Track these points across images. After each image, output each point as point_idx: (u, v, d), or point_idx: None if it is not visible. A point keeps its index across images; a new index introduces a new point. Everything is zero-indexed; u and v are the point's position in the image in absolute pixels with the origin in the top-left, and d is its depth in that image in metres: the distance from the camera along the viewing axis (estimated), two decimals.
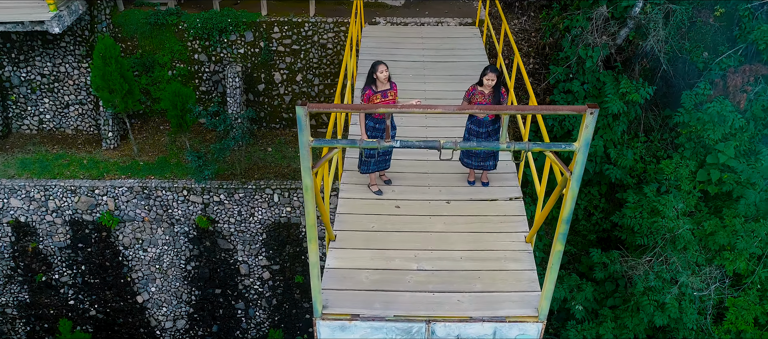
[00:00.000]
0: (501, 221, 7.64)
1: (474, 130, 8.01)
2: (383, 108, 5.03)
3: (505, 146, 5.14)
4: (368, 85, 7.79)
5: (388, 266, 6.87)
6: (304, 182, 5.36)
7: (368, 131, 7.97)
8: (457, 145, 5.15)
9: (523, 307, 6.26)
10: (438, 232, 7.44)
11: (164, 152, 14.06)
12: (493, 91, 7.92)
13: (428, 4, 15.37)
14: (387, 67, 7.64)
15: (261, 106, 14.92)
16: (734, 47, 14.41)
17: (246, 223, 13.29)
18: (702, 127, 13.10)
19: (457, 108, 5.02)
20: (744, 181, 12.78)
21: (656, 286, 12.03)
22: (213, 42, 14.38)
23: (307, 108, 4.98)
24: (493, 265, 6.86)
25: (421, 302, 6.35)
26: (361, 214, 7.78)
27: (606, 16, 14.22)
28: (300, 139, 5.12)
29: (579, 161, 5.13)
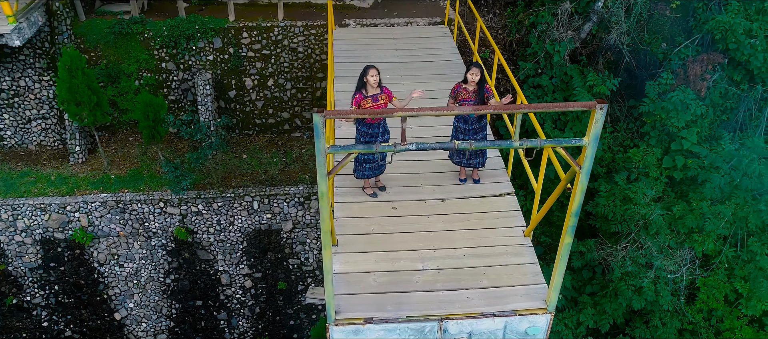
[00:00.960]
0: (497, 217, 7.80)
1: (461, 128, 8.15)
2: (401, 112, 5.08)
3: (519, 144, 5.28)
4: (359, 89, 7.83)
5: (394, 267, 6.94)
6: (320, 189, 5.37)
7: (361, 136, 8.01)
8: (471, 146, 5.25)
9: (531, 300, 6.42)
10: (438, 231, 7.55)
11: (136, 164, 13.74)
12: (477, 88, 8.07)
13: (396, 5, 15.46)
14: (378, 72, 7.68)
15: (233, 112, 14.75)
16: (691, 37, 15.02)
17: (225, 232, 13.13)
18: (666, 115, 13.60)
19: (472, 108, 5.12)
20: (708, 165, 13.35)
21: (633, 271, 12.46)
22: (180, 50, 14.12)
23: (325, 115, 5.00)
24: (496, 260, 7.01)
25: (431, 301, 6.45)
26: (360, 218, 7.82)
27: (570, 11, 14.62)
28: (317, 146, 5.13)
29: (588, 155, 5.31)
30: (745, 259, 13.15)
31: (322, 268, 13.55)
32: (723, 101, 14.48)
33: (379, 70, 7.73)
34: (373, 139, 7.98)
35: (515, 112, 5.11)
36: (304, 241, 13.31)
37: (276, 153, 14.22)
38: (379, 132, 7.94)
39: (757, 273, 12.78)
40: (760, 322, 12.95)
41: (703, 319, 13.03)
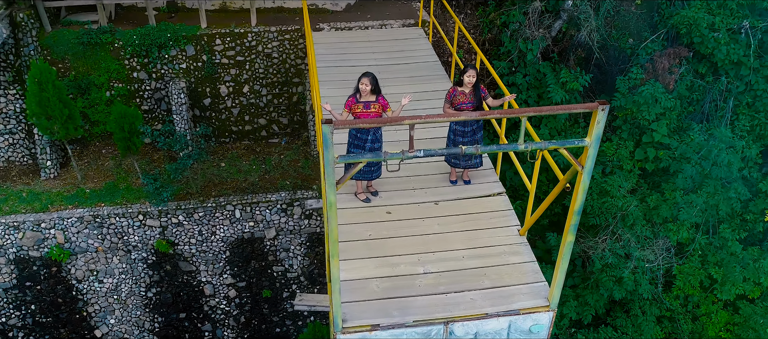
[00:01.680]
0: (492, 217, 7.91)
1: (460, 131, 8.23)
2: (409, 121, 5.12)
3: (523, 147, 5.38)
4: (353, 94, 7.88)
5: (395, 273, 6.98)
6: (328, 199, 5.38)
7: (351, 139, 8.04)
8: (478, 150, 5.33)
9: (533, 298, 6.55)
10: (435, 233, 7.62)
11: (111, 177, 13.44)
12: (473, 89, 8.17)
13: (368, 7, 15.49)
14: (371, 81, 7.71)
15: (208, 120, 14.55)
16: (656, 32, 15.45)
17: (208, 242, 12.96)
18: (637, 109, 13.97)
19: (479, 114, 5.19)
20: (678, 156, 13.76)
21: (613, 263, 12.76)
22: (152, 58, 13.87)
23: (333, 126, 5.01)
24: (495, 260, 7.12)
25: (436, 304, 6.51)
26: (355, 224, 7.83)
27: (540, 9, 14.88)
28: (325, 157, 5.13)
29: (590, 155, 5.45)
30: (718, 246, 13.62)
31: (305, 273, 13.51)
32: (689, 93, 14.95)
33: (374, 79, 7.75)
34: (362, 143, 8.00)
35: (522, 116, 5.20)
36: (288, 248, 13.23)
37: (255, 160, 14.10)
38: (368, 138, 7.98)
39: (729, 258, 13.25)
40: (734, 306, 13.42)
41: (680, 306, 13.44)
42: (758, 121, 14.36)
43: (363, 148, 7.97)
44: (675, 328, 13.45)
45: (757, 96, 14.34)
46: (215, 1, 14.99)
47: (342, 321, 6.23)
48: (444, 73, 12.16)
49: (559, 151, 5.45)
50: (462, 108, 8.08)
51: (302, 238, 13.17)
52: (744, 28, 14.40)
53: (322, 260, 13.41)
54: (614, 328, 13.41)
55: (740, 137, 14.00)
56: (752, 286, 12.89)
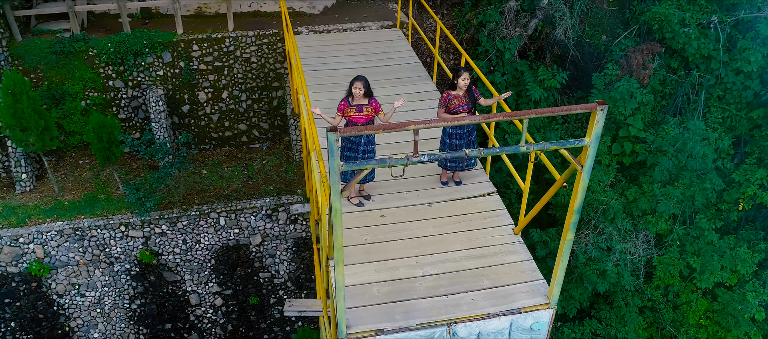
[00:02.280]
0: (485, 217, 7.99)
1: (456, 134, 8.27)
2: (414, 126, 5.15)
3: (526, 148, 5.46)
4: (346, 97, 7.88)
5: (394, 276, 7.00)
6: (334, 206, 5.38)
7: (343, 143, 8.04)
8: (481, 153, 5.39)
9: (533, 296, 6.64)
10: (430, 235, 7.66)
11: (89, 188, 13.18)
12: (467, 92, 8.22)
13: (346, 10, 15.48)
14: (364, 85, 7.72)
15: (188, 127, 14.37)
16: (628, 29, 15.77)
17: (192, 251, 12.80)
18: (613, 104, 14.23)
19: (481, 117, 5.25)
20: (655, 149, 14.07)
21: (596, 256, 12.99)
22: (128, 66, 13.64)
23: (339, 134, 5.01)
24: (493, 260, 7.20)
25: (438, 307, 6.55)
26: (351, 228, 7.83)
27: (516, 9, 15.07)
28: (331, 164, 5.13)
29: (590, 154, 5.56)
30: (695, 236, 13.97)
31: (291, 278, 13.45)
32: (662, 88, 15.30)
33: (367, 82, 7.76)
34: (355, 146, 8.01)
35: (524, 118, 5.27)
36: (274, 254, 13.15)
37: (237, 166, 13.98)
38: (361, 141, 7.99)
39: (706, 247, 13.60)
40: (712, 294, 13.78)
41: (661, 296, 13.75)
42: (729, 113, 14.76)
43: (356, 152, 7.98)
44: (657, 317, 13.76)
45: (727, 89, 14.74)
46: (190, 6, 14.80)
47: (346, 327, 6.22)
48: (426, 75, 12.21)
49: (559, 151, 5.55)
50: (458, 111, 8.13)
51: (288, 243, 13.10)
52: (713, 23, 14.79)
53: (309, 265, 13.37)
54: (599, 320, 13.66)
55: (713, 129, 14.38)
56: (729, 274, 13.25)
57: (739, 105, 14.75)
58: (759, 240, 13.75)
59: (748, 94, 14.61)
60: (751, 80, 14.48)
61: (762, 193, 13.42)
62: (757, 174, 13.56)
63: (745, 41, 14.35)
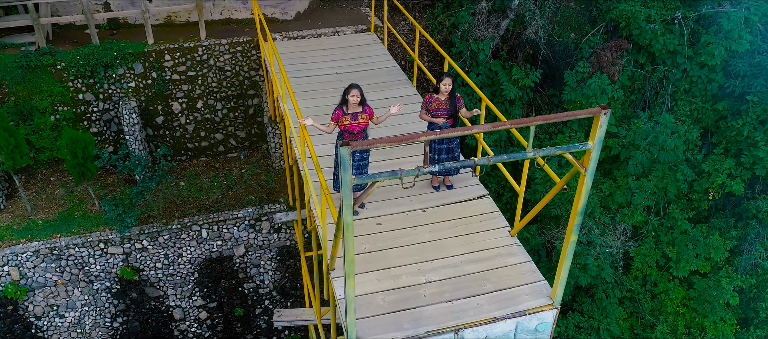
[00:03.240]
0: (481, 220, 8.08)
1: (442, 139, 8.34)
2: (424, 137, 5.18)
3: (532, 154, 5.55)
4: (340, 105, 7.85)
5: (398, 284, 7.02)
6: (346, 220, 5.38)
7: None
8: (489, 161, 5.46)
9: (537, 297, 6.75)
10: (429, 241, 7.71)
11: (64, 206, 12.82)
12: (449, 97, 8.30)
13: (319, 15, 15.41)
14: (360, 93, 7.72)
15: (162, 139, 14.10)
16: (596, 26, 16.13)
17: (174, 265, 12.57)
18: (586, 101, 14.55)
19: (490, 126, 5.31)
20: (627, 143, 14.44)
21: (577, 251, 13.27)
22: (98, 78, 13.30)
23: (351, 148, 5.01)
24: (493, 263, 7.28)
25: (444, 313, 6.60)
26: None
27: (488, 9, 15.25)
28: (343, 178, 5.13)
29: (593, 158, 5.68)
30: (669, 226, 14.40)
31: (277, 288, 13.34)
32: (631, 83, 15.72)
33: (361, 90, 7.75)
34: (354, 157, 7.99)
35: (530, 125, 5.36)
36: (258, 264, 13.02)
37: (215, 176, 13.78)
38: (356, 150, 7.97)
39: (681, 237, 14.03)
40: (688, 282, 14.23)
41: (639, 286, 14.13)
42: (695, 105, 15.26)
43: (353, 159, 7.95)
44: (636, 307, 14.13)
45: (693, 82, 15.23)
46: (160, 15, 14.51)
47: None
48: (405, 79, 12.26)
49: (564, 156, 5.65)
50: (437, 115, 8.22)
51: (272, 252, 12.99)
52: (677, 19, 15.27)
53: (293, 273, 13.28)
54: (581, 313, 13.95)
55: (682, 122, 14.84)
56: (703, 262, 13.70)
57: (705, 97, 15.26)
58: (730, 227, 14.25)
59: (712, 86, 15.13)
60: (715, 73, 15.00)
61: (731, 182, 13.92)
62: (725, 163, 14.05)
63: (708, 36, 14.85)
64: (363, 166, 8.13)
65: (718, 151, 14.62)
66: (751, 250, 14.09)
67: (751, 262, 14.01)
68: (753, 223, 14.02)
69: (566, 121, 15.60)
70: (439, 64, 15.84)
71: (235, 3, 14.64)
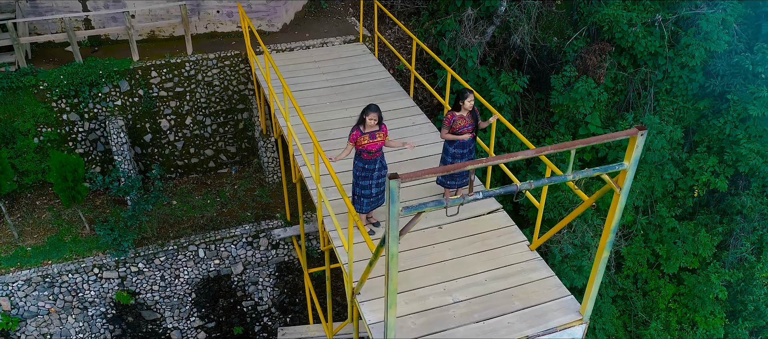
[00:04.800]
0: (498, 235, 8.14)
1: (459, 153, 8.36)
2: (472, 165, 5.19)
3: (572, 177, 5.61)
4: (357, 125, 7.81)
5: (426, 306, 7.02)
6: (391, 250, 5.36)
7: (358, 172, 7.98)
8: (532, 185, 5.50)
9: (566, 313, 6.83)
10: (450, 259, 7.72)
11: (52, 231, 12.43)
12: (470, 113, 8.33)
13: (305, 26, 15.28)
14: (378, 116, 7.68)
15: (151, 157, 13.80)
16: (578, 30, 16.39)
17: (171, 286, 12.32)
18: (573, 104, 14.78)
19: (534, 151, 5.35)
20: (615, 145, 14.72)
21: (572, 253, 13.47)
22: (83, 98, 12.95)
23: (400, 180, 4.99)
24: (518, 279, 7.34)
25: (476, 334, 6.62)
26: (368, 259, 7.76)
27: (474, 16, 15.35)
28: (391, 210, 5.11)
29: (628, 178, 5.78)
30: (656, 224, 14.75)
31: (275, 304, 13.20)
32: (614, 85, 16.02)
33: (379, 110, 7.72)
34: (370, 173, 7.97)
35: (571, 149, 5.42)
36: (256, 281, 12.86)
37: (207, 194, 13.55)
38: (375, 167, 7.97)
39: (669, 234, 14.39)
40: (678, 278, 14.60)
41: (631, 284, 14.43)
42: (677, 105, 15.64)
43: (371, 179, 7.94)
44: (628, 305, 14.44)
45: (674, 83, 15.61)
46: (143, 30, 14.18)
47: None
48: (401, 90, 12.25)
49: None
50: (462, 132, 8.23)
51: (270, 269, 12.84)
52: (657, 22, 15.61)
53: (292, 289, 13.15)
54: None
55: (666, 122, 15.19)
56: (692, 258, 14.07)
57: (686, 97, 15.65)
58: (715, 223, 14.67)
59: (693, 86, 15.53)
60: (696, 73, 15.39)
61: (715, 180, 14.32)
62: (709, 161, 14.44)
63: (687, 37, 15.22)
64: (381, 183, 8.10)
65: (701, 149, 15.02)
66: (737, 244, 14.54)
67: (737, 257, 14.47)
68: (738, 218, 14.47)
69: (552, 124, 15.82)
70: (427, 72, 15.88)
71: (221, 16, 14.41)
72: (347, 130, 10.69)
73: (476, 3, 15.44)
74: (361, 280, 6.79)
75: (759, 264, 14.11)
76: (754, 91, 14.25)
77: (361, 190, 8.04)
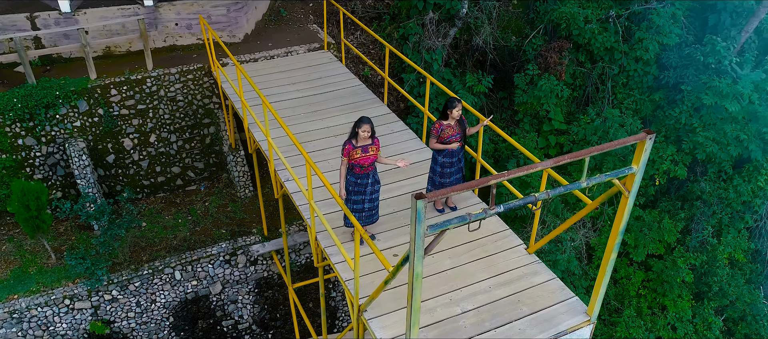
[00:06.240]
0: (495, 240, 8.20)
1: (448, 162, 8.37)
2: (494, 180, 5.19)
3: (586, 183, 5.70)
4: (350, 139, 7.69)
5: (435, 318, 7.00)
6: (416, 270, 5.32)
7: (351, 186, 7.88)
8: (549, 195, 5.55)
9: (574, 315, 6.95)
10: (451, 268, 7.73)
11: (15, 263, 11.78)
12: (458, 122, 8.35)
13: (267, 35, 15.01)
14: (371, 128, 7.59)
15: (115, 179, 13.27)
16: (535, 29, 16.73)
17: (148, 312, 11.88)
18: (538, 102, 15.08)
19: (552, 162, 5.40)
20: (579, 139, 15.10)
21: (547, 248, 13.74)
22: (39, 121, 12.33)
23: (426, 200, 4.95)
24: (521, 284, 7.41)
25: None
26: (371, 274, 7.70)
27: (436, 19, 15.44)
28: (417, 230, 5.07)
29: (636, 181, 5.92)
30: None
31: (256, 321, 12.93)
32: (573, 81, 16.43)
33: (372, 124, 7.63)
34: (363, 188, 7.89)
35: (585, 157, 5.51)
36: (236, 299, 12.55)
37: (178, 213, 13.13)
38: (368, 182, 7.89)
39: (635, 223, 14.86)
40: (646, 265, 15.10)
41: None
42: (634, 97, 16.18)
43: (364, 193, 7.86)
44: None
45: (630, 76, 16.14)
46: (97, 47, 13.59)
47: None
48: (374, 97, 12.17)
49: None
50: (451, 141, 8.24)
51: (250, 286, 12.57)
52: (611, 18, 16.10)
53: (272, 305, 12.91)
54: None
55: (625, 115, 15.69)
56: (658, 245, 14.59)
57: (642, 89, 16.21)
58: (677, 210, 15.25)
59: (648, 78, 16.09)
60: (650, 66, 15.96)
61: (674, 168, 14.88)
62: (668, 151, 15.00)
63: (640, 31, 15.77)
64: (375, 198, 8.03)
65: (659, 139, 15.59)
66: (699, 229, 15.17)
67: (700, 240, 15.10)
68: (698, 204, 15.09)
69: (517, 122, 16.09)
70: (393, 77, 15.85)
71: (180, 29, 13.99)
72: (327, 142, 10.57)
73: (437, 6, 15.53)
74: (372, 297, 6.71)
75: (720, 246, 14.77)
76: (706, 81, 14.89)
77: (353, 205, 7.94)
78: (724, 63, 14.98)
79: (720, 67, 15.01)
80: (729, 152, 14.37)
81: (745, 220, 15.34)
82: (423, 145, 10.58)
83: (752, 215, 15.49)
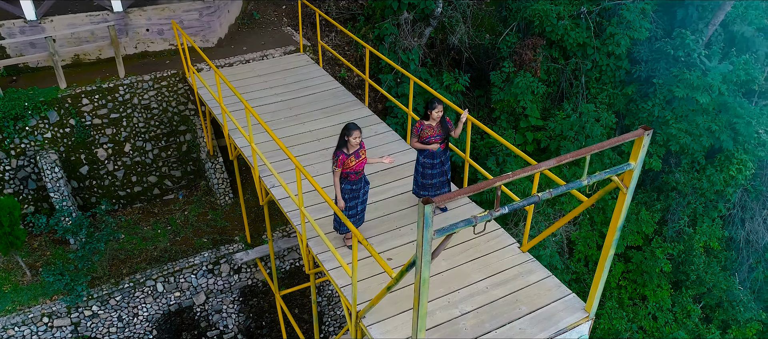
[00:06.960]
0: (488, 240, 8.19)
1: (428, 163, 8.35)
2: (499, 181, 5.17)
3: (586, 181, 5.72)
4: (340, 148, 7.58)
5: (435, 321, 6.96)
6: (423, 276, 5.28)
7: (346, 194, 7.79)
8: (552, 194, 5.56)
9: (573, 312, 6.98)
10: (446, 270, 7.70)
11: None
12: (439, 122, 8.33)
13: (241, 39, 14.79)
14: (360, 133, 7.51)
15: (90, 190, 12.90)
16: (508, 26, 16.84)
17: (130, 326, 11.57)
18: (514, 99, 15.17)
19: (555, 161, 5.40)
20: (556, 135, 15.25)
21: None
22: (8, 133, 11.92)
23: (434, 205, 4.90)
24: (518, 284, 7.42)
25: None
26: (366, 279, 7.62)
27: (411, 19, 15.41)
28: (425, 236, 5.02)
29: (634, 177, 5.96)
30: (600, 207, 15.42)
31: (242, 330, 12.72)
32: (547, 77, 16.59)
33: (361, 130, 7.55)
34: (357, 193, 7.81)
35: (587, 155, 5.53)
36: (220, 309, 12.32)
37: (157, 223, 12.83)
38: (361, 186, 7.83)
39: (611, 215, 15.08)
40: (625, 257, 15.34)
41: (583, 267, 15.02)
42: (607, 91, 16.42)
43: (358, 198, 7.79)
44: (582, 287, 15.03)
45: (603, 71, 16.37)
46: (66, 55, 13.19)
47: None
48: (354, 99, 12.07)
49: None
50: (430, 142, 8.22)
51: (234, 294, 12.35)
52: (583, 14, 16.31)
53: (257, 313, 12.71)
54: None
55: (600, 109, 15.90)
56: (636, 236, 14.83)
57: (614, 84, 16.46)
58: (653, 201, 15.52)
59: (620, 73, 16.34)
60: (622, 61, 16.21)
61: (649, 160, 15.15)
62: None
63: (612, 27, 16.00)
64: (365, 198, 7.98)
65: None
66: (675, 219, 15.47)
67: (676, 230, 15.40)
68: (673, 194, 15.39)
69: (494, 120, 16.17)
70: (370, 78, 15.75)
71: (151, 35, 13.67)
72: (311, 146, 10.45)
73: (412, 6, 15.51)
74: (373, 303, 6.63)
75: (696, 235, 15.09)
76: (677, 73, 15.18)
77: (348, 211, 7.87)
78: (693, 56, 15.30)
79: (689, 59, 15.33)
80: (701, 143, 14.68)
81: (719, 209, 15.71)
82: (408, 146, 10.53)
83: (725, 204, 15.87)
